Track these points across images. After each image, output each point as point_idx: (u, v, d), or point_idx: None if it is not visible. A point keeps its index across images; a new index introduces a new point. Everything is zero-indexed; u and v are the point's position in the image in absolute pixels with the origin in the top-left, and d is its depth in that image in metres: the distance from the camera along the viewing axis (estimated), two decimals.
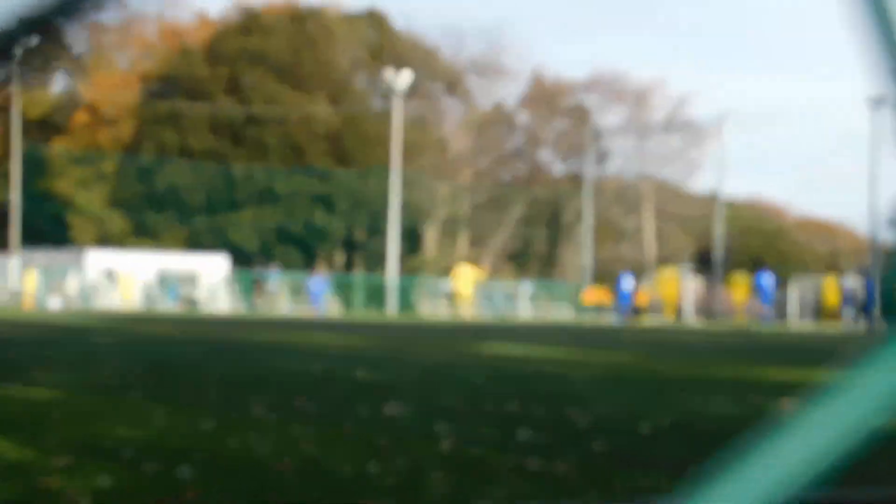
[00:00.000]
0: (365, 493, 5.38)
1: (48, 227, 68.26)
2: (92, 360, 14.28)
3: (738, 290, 50.79)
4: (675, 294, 50.17)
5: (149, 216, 72.24)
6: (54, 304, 54.65)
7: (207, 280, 60.41)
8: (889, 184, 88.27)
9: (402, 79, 62.21)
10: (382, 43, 77.17)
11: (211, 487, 5.45)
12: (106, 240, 70.28)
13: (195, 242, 70.61)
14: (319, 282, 57.61)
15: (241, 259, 65.01)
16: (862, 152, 62.41)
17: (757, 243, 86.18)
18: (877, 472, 5.66)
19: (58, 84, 79.79)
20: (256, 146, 71.62)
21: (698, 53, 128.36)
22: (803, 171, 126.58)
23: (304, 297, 60.25)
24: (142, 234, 72.30)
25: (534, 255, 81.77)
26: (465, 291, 48.21)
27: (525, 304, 66.57)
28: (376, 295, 64.34)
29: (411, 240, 73.25)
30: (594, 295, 63.89)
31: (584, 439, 7.59)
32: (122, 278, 58.19)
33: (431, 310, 63.47)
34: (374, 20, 79.09)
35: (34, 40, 61.44)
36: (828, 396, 0.35)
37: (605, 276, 72.48)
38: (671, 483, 6.00)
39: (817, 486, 0.34)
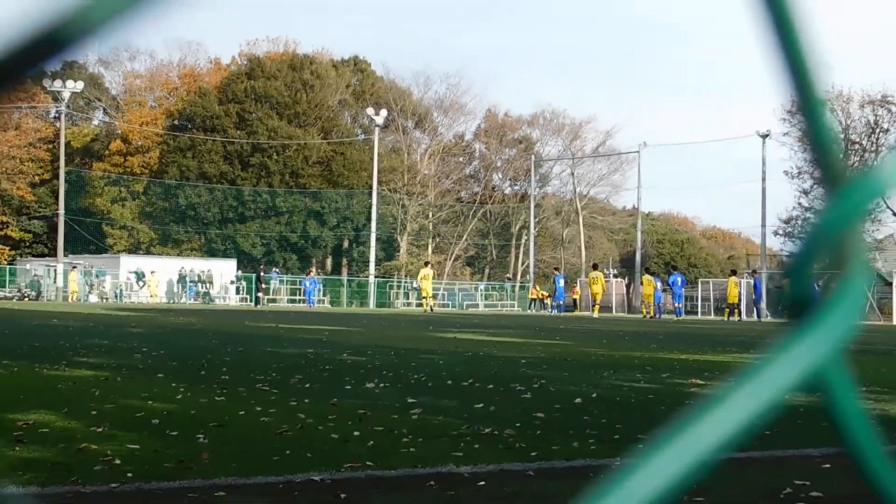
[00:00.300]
0: (348, 455, 5.38)
1: (88, 237, 68.06)
2: (125, 346, 14.22)
3: (646, 288, 51.37)
4: (601, 291, 50.40)
5: (172, 228, 72.09)
6: (93, 299, 54.39)
7: (219, 280, 60.27)
8: (776, 200, 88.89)
9: (379, 116, 62.35)
10: (364, 85, 77.16)
11: (222, 450, 5.44)
12: (136, 247, 70.14)
13: (210, 249, 70.54)
14: (312, 281, 57.51)
15: (248, 263, 64.92)
16: (756, 175, 63.07)
17: (669, 250, 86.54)
18: (780, 436, 5.70)
19: (97, 119, 79.56)
20: (261, 171, 71.58)
21: (624, 95, 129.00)
22: (708, 189, 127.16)
23: (299, 294, 60.15)
24: (166, 242, 72.10)
25: (487, 260, 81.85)
26: (427, 289, 48.69)
27: (480, 299, 66.70)
28: (359, 292, 64.32)
29: (388, 247, 73.26)
30: (536, 292, 64.06)
31: (527, 409, 7.61)
32: (149, 278, 58.03)
33: (404, 304, 63.47)
34: (358, 66, 79.10)
35: (79, 85, 61.34)
36: (744, 379, 0.30)
37: (545, 276, 72.73)
38: (598, 445, 6.03)
39: (732, 449, 0.35)
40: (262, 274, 56.32)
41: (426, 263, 53.44)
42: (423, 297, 48.96)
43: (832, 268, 0.30)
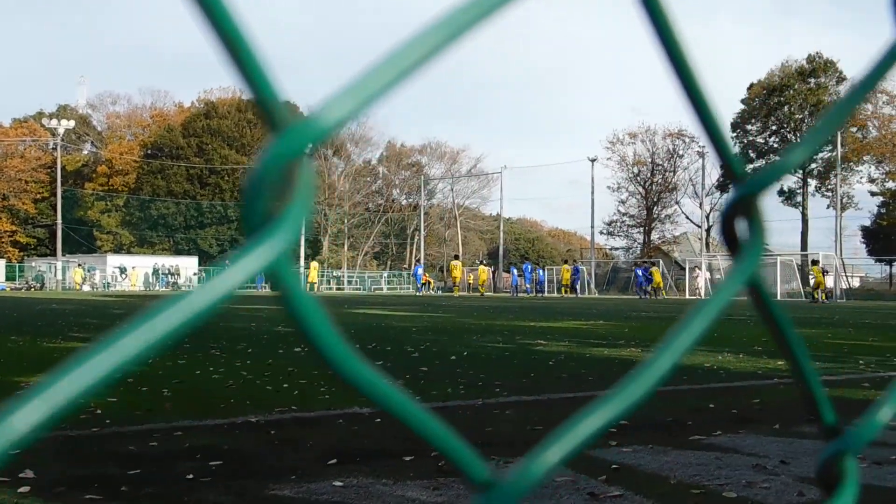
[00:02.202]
0: (279, 402, 5.36)
1: (81, 241, 66.27)
2: (109, 324, 13.87)
3: (482, 275, 52.46)
4: (460, 276, 50.90)
5: (147, 233, 70.53)
6: (86, 289, 52.81)
7: (185, 273, 59.13)
8: (601, 208, 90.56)
9: None
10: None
11: (181, 400, 5.37)
12: (119, 248, 68.48)
13: (177, 249, 69.27)
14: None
15: (207, 259, 63.89)
16: (587, 188, 64.49)
17: (524, 245, 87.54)
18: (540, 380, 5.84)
19: (87, 149, 77.38)
20: (215, 188, 70.49)
21: (490, 130, 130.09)
22: (551, 200, 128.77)
23: (248, 282, 59.29)
24: (142, 244, 70.48)
25: (389, 255, 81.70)
26: (313, 278, 49.31)
27: (384, 284, 66.58)
28: None
29: (314, 246, 72.70)
30: (426, 277, 64.07)
31: (414, 365, 7.66)
32: (130, 272, 56.71)
33: (326, 289, 62.96)
34: (289, 108, 78.16)
35: (71, 123, 59.67)
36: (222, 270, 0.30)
37: (432, 266, 72.88)
38: (466, 390, 6.11)
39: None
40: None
41: (315, 258, 54.38)
42: (310, 283, 49.88)
43: (282, 196, 0.32)
